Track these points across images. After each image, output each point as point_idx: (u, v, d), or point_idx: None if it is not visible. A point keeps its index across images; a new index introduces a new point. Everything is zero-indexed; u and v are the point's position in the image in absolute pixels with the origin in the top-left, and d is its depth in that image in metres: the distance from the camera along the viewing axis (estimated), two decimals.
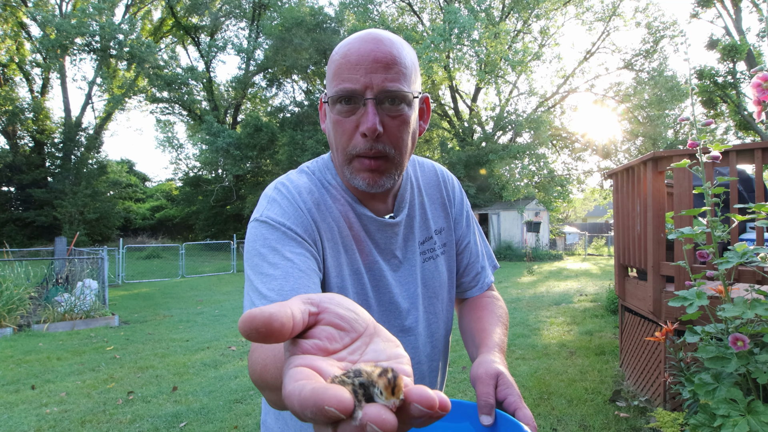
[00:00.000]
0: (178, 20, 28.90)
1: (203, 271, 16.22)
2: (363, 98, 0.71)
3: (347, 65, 0.71)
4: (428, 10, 27.62)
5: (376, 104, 0.71)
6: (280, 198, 0.78)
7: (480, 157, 21.50)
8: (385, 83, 0.70)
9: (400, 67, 0.72)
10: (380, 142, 0.73)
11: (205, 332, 6.58)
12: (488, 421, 0.63)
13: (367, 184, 0.76)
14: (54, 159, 26.19)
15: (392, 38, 0.73)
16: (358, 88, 0.70)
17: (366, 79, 0.70)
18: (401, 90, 0.72)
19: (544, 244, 21.33)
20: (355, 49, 0.71)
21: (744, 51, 14.95)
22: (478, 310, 0.92)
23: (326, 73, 0.76)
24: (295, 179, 0.82)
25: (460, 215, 0.97)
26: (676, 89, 22.35)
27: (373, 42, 0.71)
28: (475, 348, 0.82)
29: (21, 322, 6.86)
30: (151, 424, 3.40)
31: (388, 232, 0.84)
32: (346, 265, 0.80)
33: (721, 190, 1.40)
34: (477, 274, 0.97)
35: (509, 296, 9.24)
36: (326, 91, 0.75)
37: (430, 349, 0.89)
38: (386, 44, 0.71)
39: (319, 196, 0.80)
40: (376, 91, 0.71)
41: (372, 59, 0.70)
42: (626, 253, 3.84)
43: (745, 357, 1.25)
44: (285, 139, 21.81)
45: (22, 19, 25.40)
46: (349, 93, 0.71)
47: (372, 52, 0.70)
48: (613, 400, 3.49)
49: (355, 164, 0.76)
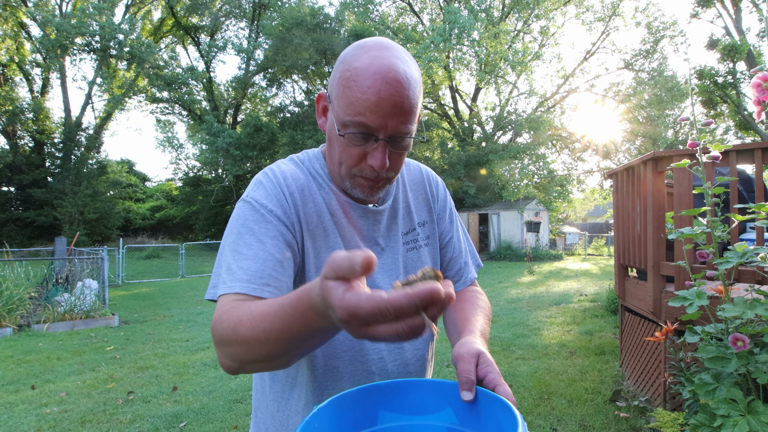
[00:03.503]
0: (178, 20, 28.90)
1: (203, 271, 16.22)
2: (376, 136, 0.75)
3: (366, 102, 0.72)
4: (428, 10, 27.65)
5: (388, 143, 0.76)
6: (266, 181, 0.82)
7: (480, 157, 21.50)
8: (398, 127, 0.74)
9: (414, 109, 0.75)
10: (384, 170, 0.78)
11: (205, 332, 6.57)
12: (469, 396, 0.66)
13: (365, 195, 0.82)
14: (54, 159, 26.20)
15: (409, 75, 0.74)
16: (374, 127, 0.73)
17: (382, 122, 0.73)
18: (411, 131, 0.77)
19: (544, 244, 21.33)
20: (376, 90, 0.71)
21: (744, 51, 14.95)
22: (461, 302, 0.95)
23: (336, 81, 0.77)
24: (283, 166, 0.86)
25: (443, 211, 1.01)
26: (676, 89, 22.35)
27: (394, 84, 0.72)
28: (457, 334, 0.84)
29: (21, 322, 6.86)
30: (151, 424, 3.40)
31: (371, 219, 0.88)
32: (325, 248, 0.83)
33: (721, 190, 1.40)
34: (460, 269, 1.01)
35: (509, 296, 9.24)
36: (335, 102, 0.77)
37: (413, 349, 0.91)
38: (405, 86, 0.73)
39: (304, 182, 0.85)
40: (390, 132, 0.74)
41: (391, 104, 0.72)
42: (626, 253, 3.84)
43: (745, 357, 1.25)
44: (285, 139, 21.82)
45: (22, 19, 25.41)
46: (365, 130, 0.74)
47: (392, 96, 0.72)
48: (613, 400, 3.49)
49: (357, 180, 0.81)
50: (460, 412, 0.68)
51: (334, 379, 0.83)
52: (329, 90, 0.80)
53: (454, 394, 0.68)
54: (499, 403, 0.62)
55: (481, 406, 0.66)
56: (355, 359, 0.84)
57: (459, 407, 0.68)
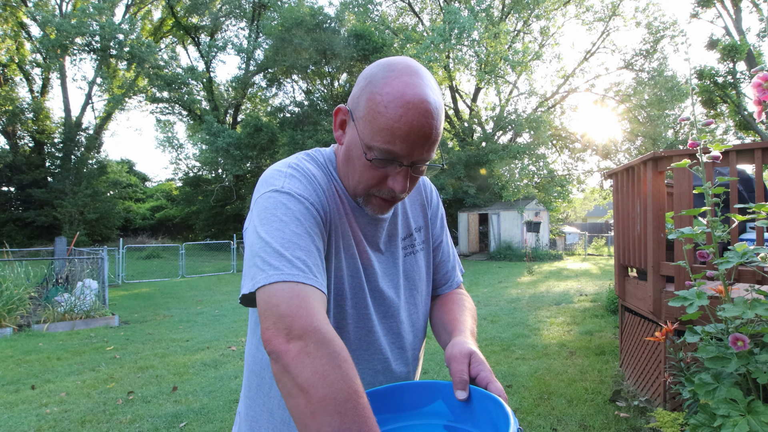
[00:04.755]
0: (178, 20, 28.89)
1: (203, 271, 16.22)
2: (401, 162, 0.77)
3: (398, 132, 0.73)
4: (428, 11, 27.65)
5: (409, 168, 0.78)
6: (299, 175, 0.80)
7: (480, 157, 21.49)
8: (423, 155, 0.77)
9: (438, 138, 0.78)
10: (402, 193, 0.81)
11: (205, 332, 6.58)
12: (463, 395, 0.70)
13: (375, 214, 0.85)
14: (54, 159, 26.19)
15: (438, 105, 0.76)
16: (401, 155, 0.75)
17: (410, 150, 0.75)
18: (433, 158, 0.79)
19: (544, 244, 21.33)
20: (408, 120, 0.73)
21: (744, 51, 14.95)
22: (448, 304, 0.99)
23: (363, 102, 0.77)
24: (306, 164, 0.85)
25: (435, 216, 1.05)
26: (676, 89, 22.33)
27: (426, 116, 0.73)
28: (447, 335, 0.88)
29: (21, 322, 6.86)
30: (151, 424, 3.40)
31: (375, 227, 0.90)
32: (344, 248, 0.85)
33: (721, 190, 1.40)
34: (447, 272, 1.05)
35: (509, 296, 9.24)
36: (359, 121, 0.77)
37: (411, 338, 0.95)
38: (434, 117, 0.75)
39: (327, 183, 0.85)
40: (414, 160, 0.77)
41: (421, 135, 0.74)
42: (626, 253, 3.84)
43: (745, 357, 1.25)
44: (285, 139, 21.80)
45: (22, 19, 25.41)
46: (392, 156, 0.76)
47: (423, 128, 0.74)
48: (613, 400, 3.49)
49: (372, 200, 0.83)
50: (456, 410, 0.73)
51: None
52: (351, 106, 0.80)
53: (449, 393, 0.72)
54: (491, 400, 0.68)
55: (475, 403, 0.70)
56: (362, 358, 0.86)
57: (454, 405, 0.73)
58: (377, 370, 0.87)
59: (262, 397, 0.88)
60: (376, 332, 0.87)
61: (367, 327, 0.86)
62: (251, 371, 0.91)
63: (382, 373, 0.87)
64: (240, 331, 6.57)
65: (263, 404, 0.88)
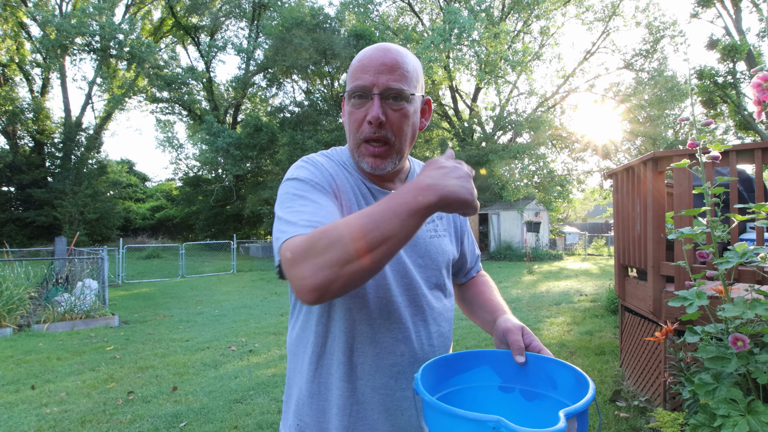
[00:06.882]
0: (178, 20, 28.88)
1: (203, 271, 16.21)
2: (371, 93, 0.87)
3: (361, 67, 0.88)
4: (428, 11, 27.62)
5: (381, 99, 0.87)
6: (308, 165, 0.91)
7: (480, 157, 21.49)
8: (389, 82, 0.86)
9: (403, 71, 0.88)
10: (383, 129, 0.88)
11: (205, 332, 6.58)
12: (522, 359, 0.83)
13: (371, 167, 0.91)
14: (54, 159, 26.17)
15: (399, 49, 0.90)
16: (367, 85, 0.86)
17: (374, 78, 0.86)
18: (402, 88, 0.87)
19: (544, 244, 21.33)
20: (368, 56, 0.88)
21: (744, 51, 14.94)
22: (478, 285, 1.14)
23: (347, 76, 0.92)
24: (316, 157, 0.96)
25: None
26: (676, 89, 22.32)
27: (383, 50, 0.88)
28: (488, 314, 1.03)
29: (21, 322, 6.86)
30: (151, 424, 3.40)
31: None
32: None
33: (721, 190, 1.40)
34: (474, 258, 1.18)
35: (509, 296, 9.24)
36: (346, 92, 0.92)
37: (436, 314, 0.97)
38: (393, 53, 0.88)
39: (337, 170, 0.94)
40: (381, 88, 0.86)
41: (380, 63, 0.87)
42: (626, 253, 3.84)
43: (745, 357, 1.25)
44: (285, 139, 21.78)
45: (22, 19, 25.39)
46: (360, 89, 0.87)
47: (381, 57, 0.87)
48: (613, 400, 3.49)
49: (362, 149, 0.91)
50: (505, 374, 0.86)
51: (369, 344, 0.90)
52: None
53: (496, 359, 0.87)
54: (550, 360, 0.81)
55: (530, 365, 0.84)
56: (383, 327, 0.90)
57: (502, 370, 0.86)
58: (398, 339, 0.90)
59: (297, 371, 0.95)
60: (396, 302, 0.90)
61: (387, 297, 0.89)
62: (289, 351, 0.99)
63: (403, 342, 0.90)
64: (240, 331, 6.57)
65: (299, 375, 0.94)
